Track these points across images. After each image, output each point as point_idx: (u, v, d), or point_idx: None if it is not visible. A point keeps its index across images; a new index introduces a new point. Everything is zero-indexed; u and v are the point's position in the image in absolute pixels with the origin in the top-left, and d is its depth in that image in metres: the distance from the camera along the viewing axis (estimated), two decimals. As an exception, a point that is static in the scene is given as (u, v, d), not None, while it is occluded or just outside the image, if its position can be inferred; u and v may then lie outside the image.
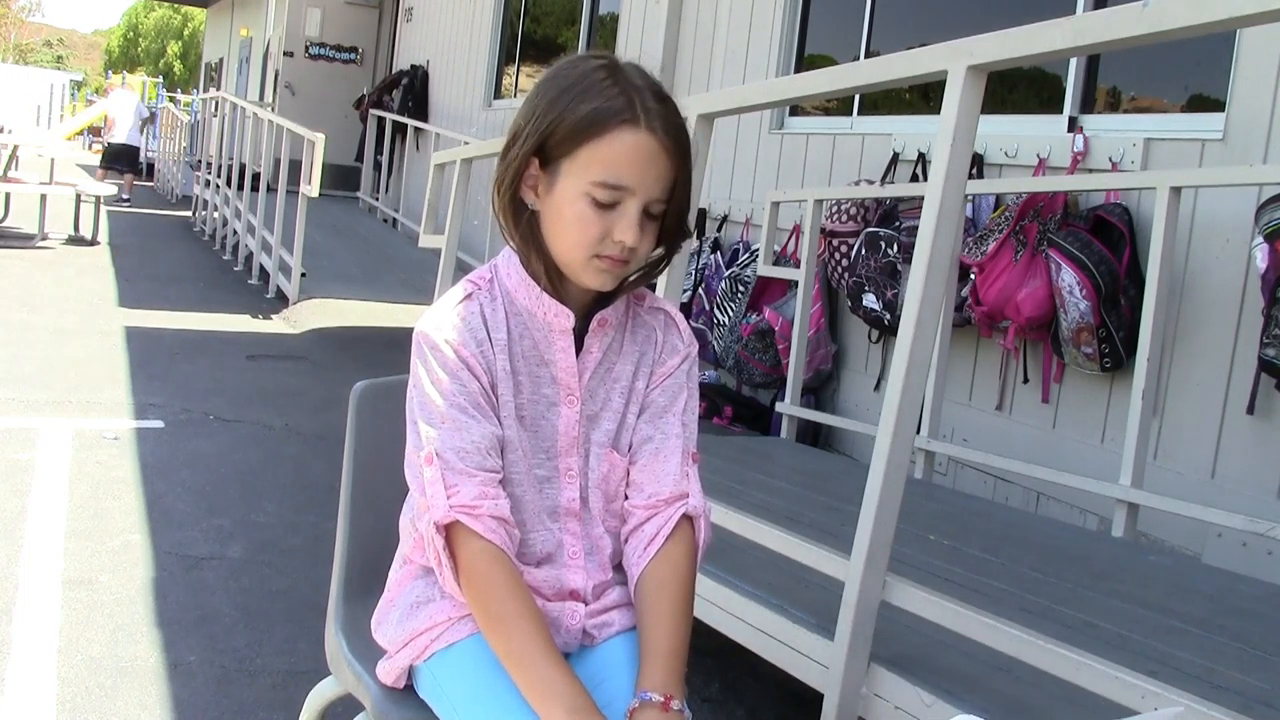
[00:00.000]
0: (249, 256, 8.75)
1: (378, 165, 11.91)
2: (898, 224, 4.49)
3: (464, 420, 1.24)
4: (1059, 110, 4.09)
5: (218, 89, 16.73)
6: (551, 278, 1.28)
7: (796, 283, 4.53)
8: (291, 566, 3.14)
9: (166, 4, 42.97)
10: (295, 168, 7.64)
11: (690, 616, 1.30)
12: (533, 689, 1.16)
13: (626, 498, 1.34)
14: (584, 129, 1.20)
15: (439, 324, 1.27)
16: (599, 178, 1.20)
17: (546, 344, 1.30)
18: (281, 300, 7.61)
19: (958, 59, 1.81)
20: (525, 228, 1.27)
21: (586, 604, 1.32)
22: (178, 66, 51.90)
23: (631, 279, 1.29)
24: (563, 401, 1.31)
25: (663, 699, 1.18)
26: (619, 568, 1.36)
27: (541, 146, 1.23)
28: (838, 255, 4.72)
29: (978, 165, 4.22)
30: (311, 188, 7.07)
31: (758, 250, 4.85)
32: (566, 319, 1.28)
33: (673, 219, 1.27)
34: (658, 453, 1.33)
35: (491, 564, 1.21)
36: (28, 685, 2.33)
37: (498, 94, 10.15)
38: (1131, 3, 1.54)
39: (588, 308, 1.31)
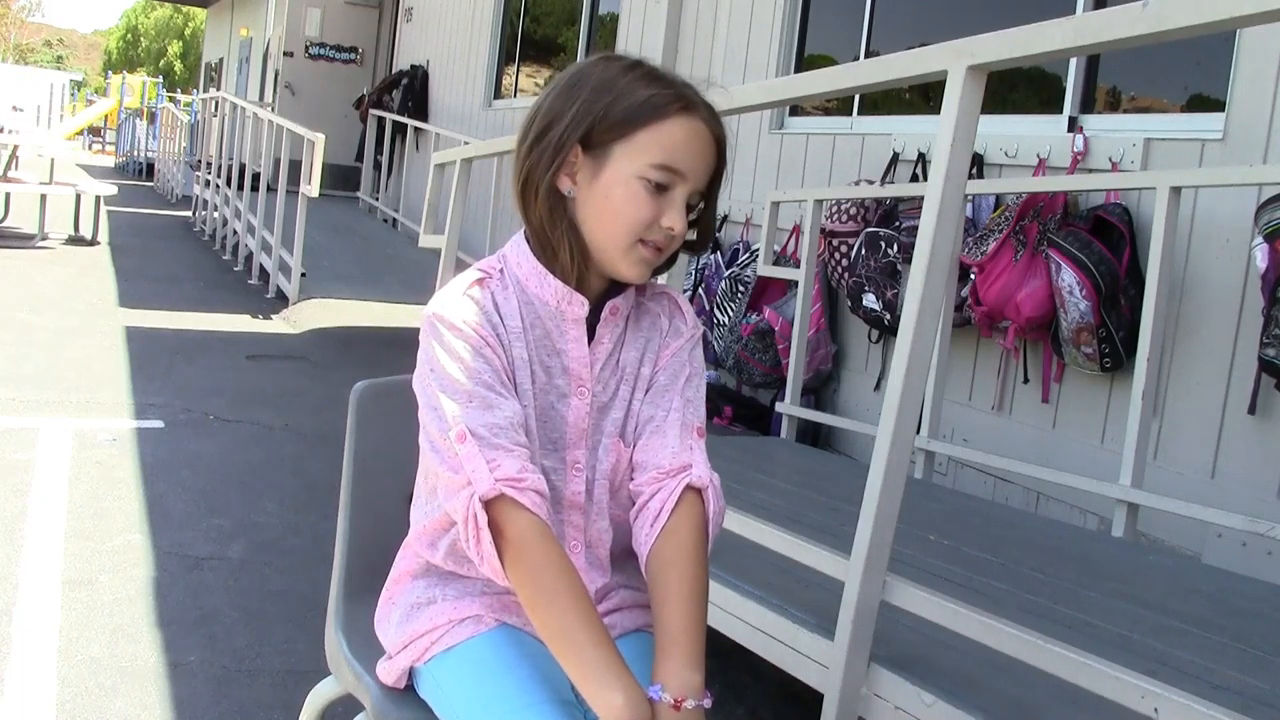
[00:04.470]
0: (249, 256, 8.75)
1: (378, 165, 11.90)
2: (898, 224, 4.49)
3: (492, 397, 1.21)
4: (1059, 110, 4.09)
5: (218, 89, 16.72)
6: (578, 266, 1.26)
7: (796, 283, 4.52)
8: (291, 566, 3.14)
9: (166, 4, 42.98)
10: (295, 168, 7.64)
11: (704, 593, 1.25)
12: (586, 671, 1.13)
13: (632, 479, 1.31)
14: (643, 113, 1.22)
15: (454, 305, 1.25)
16: (657, 160, 1.22)
17: (559, 333, 1.28)
18: (281, 300, 7.61)
19: (958, 59, 1.81)
20: (563, 215, 1.26)
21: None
22: (178, 66, 51.90)
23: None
24: (573, 393, 1.29)
25: (674, 700, 1.15)
26: (621, 566, 1.35)
27: (588, 132, 1.23)
28: (838, 255, 4.72)
29: (978, 165, 4.22)
30: (311, 188, 7.07)
31: (758, 250, 4.85)
32: (581, 306, 1.27)
33: (707, 215, 1.30)
34: (658, 430, 1.31)
35: (542, 539, 1.18)
36: (28, 685, 2.33)
37: (498, 94, 10.15)
38: (1131, 3, 1.54)
39: (599, 298, 1.30)
